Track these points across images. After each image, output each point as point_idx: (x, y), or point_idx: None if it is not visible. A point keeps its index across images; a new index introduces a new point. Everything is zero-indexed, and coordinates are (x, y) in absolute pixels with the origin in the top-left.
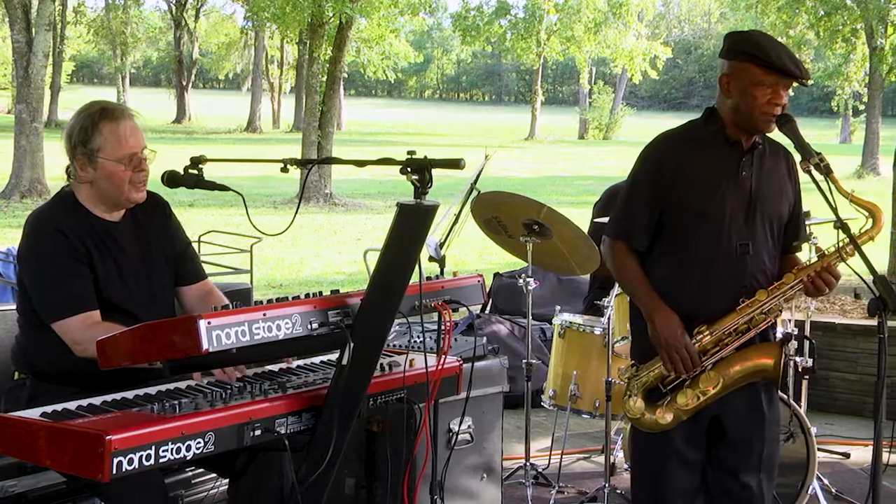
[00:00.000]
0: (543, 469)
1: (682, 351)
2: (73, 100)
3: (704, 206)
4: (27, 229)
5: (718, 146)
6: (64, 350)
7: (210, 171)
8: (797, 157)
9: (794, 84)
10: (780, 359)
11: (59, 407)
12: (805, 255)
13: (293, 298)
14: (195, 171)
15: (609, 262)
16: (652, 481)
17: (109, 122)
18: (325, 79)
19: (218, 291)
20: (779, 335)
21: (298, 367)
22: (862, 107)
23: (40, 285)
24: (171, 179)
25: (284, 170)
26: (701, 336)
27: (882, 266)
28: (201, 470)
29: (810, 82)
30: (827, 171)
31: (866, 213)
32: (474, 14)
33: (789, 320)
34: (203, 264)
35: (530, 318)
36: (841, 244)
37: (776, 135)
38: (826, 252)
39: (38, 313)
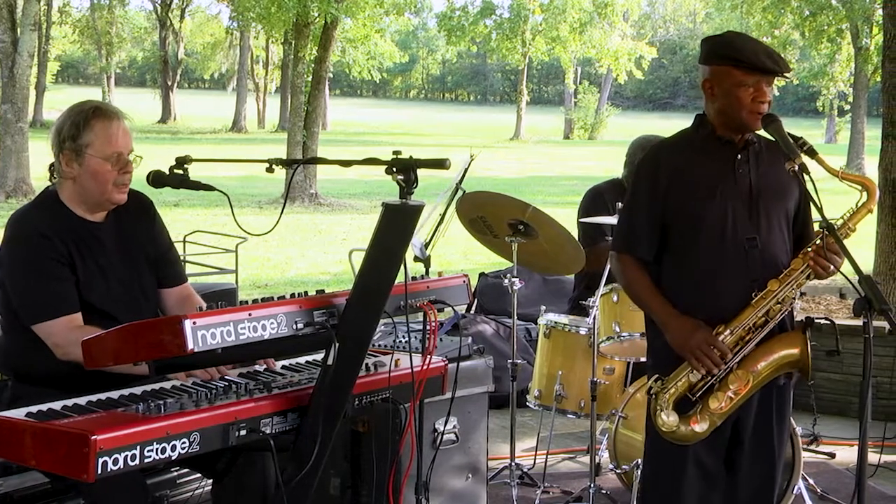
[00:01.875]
0: (529, 469)
1: (705, 347)
2: (59, 100)
3: (705, 208)
4: (9, 231)
5: (712, 148)
6: (46, 352)
7: (195, 171)
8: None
9: (781, 81)
10: (807, 346)
11: (44, 407)
12: None
13: (278, 298)
14: (180, 171)
15: (617, 276)
16: (668, 491)
17: (102, 119)
18: (310, 79)
19: (196, 295)
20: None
21: (284, 367)
22: (847, 107)
23: (22, 288)
24: (156, 179)
25: (270, 170)
26: (721, 337)
27: (867, 266)
28: (186, 470)
29: (795, 82)
30: (812, 153)
31: (859, 188)
32: (459, 14)
33: None
34: (188, 264)
35: (515, 318)
36: (840, 223)
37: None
38: (825, 232)
39: (19, 315)
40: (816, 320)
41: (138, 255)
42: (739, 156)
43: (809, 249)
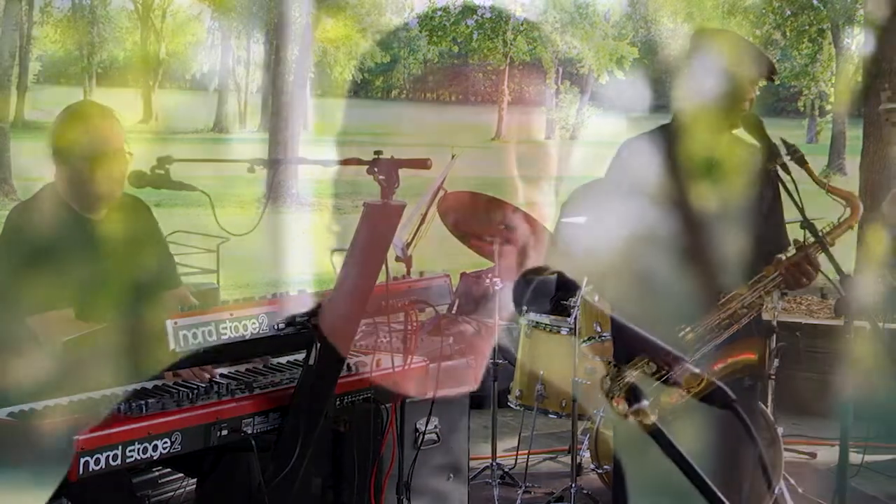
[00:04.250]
0: (510, 469)
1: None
2: (40, 100)
3: (675, 206)
4: (7, 224)
5: (685, 148)
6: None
7: (177, 171)
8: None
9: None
10: (764, 352)
11: (25, 407)
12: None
13: (260, 298)
14: (162, 171)
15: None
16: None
17: (75, 122)
18: (291, 79)
19: (192, 299)
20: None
21: (265, 367)
22: (828, 107)
23: (17, 280)
24: (137, 179)
25: (251, 170)
26: (683, 334)
27: (849, 266)
28: (168, 470)
29: (777, 82)
30: (802, 162)
31: (843, 203)
32: (441, 14)
33: None
34: None
35: (497, 318)
36: (821, 233)
37: None
38: (805, 243)
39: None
40: (795, 322)
41: (133, 255)
42: (713, 157)
43: (784, 258)
